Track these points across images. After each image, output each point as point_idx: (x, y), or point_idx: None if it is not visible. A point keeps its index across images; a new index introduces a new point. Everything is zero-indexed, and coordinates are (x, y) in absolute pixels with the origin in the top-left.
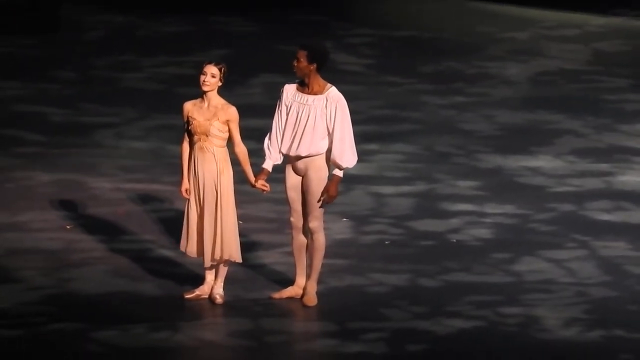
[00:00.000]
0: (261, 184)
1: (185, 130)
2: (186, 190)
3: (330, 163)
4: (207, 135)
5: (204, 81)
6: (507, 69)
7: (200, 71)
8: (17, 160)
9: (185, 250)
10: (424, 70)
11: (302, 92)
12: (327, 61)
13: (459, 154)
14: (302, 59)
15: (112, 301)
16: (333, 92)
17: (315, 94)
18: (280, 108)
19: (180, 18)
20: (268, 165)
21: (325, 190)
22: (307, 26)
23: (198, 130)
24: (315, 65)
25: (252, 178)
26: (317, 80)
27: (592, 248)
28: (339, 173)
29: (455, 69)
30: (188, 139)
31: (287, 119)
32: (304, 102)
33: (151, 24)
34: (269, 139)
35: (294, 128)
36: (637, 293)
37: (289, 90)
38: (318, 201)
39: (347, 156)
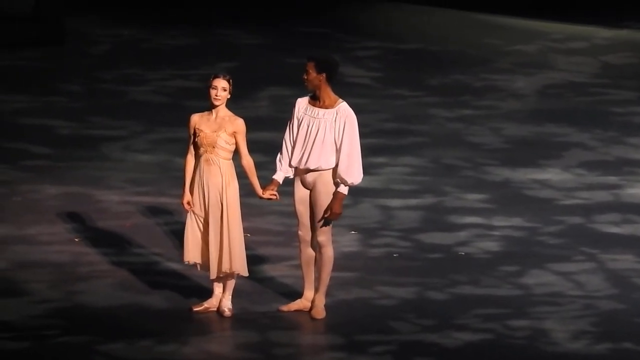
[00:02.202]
0: (270, 193)
1: (191, 142)
2: (188, 203)
3: (336, 179)
4: (213, 147)
5: (216, 95)
6: (515, 82)
7: (209, 85)
8: (24, 173)
9: (189, 261)
10: (431, 83)
11: (314, 105)
12: (337, 71)
13: (466, 166)
14: (310, 70)
15: (119, 314)
16: (343, 106)
17: (326, 107)
18: (292, 121)
19: (186, 31)
20: (278, 176)
21: (329, 207)
22: (313, 39)
23: (205, 142)
24: (324, 75)
25: (259, 190)
26: (328, 94)
27: (600, 261)
28: (343, 190)
29: (463, 81)
30: (193, 151)
31: (298, 132)
32: (315, 116)
33: (157, 37)
34: (280, 152)
35: (304, 141)
36: None
37: (301, 103)
38: (319, 220)
39: (354, 172)
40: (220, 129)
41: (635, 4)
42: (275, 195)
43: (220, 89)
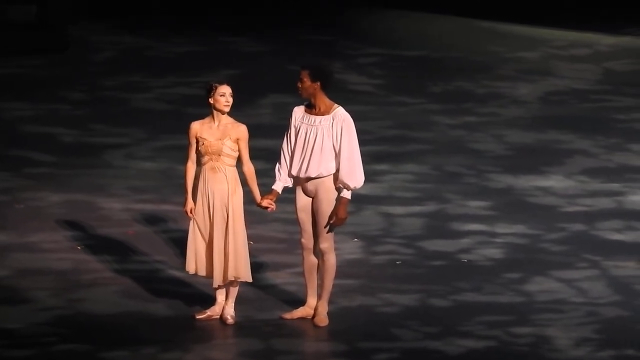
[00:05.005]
0: (267, 202)
1: (195, 150)
2: (190, 210)
3: (338, 183)
4: (219, 155)
5: (226, 102)
6: (517, 89)
7: (214, 92)
8: (27, 180)
9: (196, 271)
10: (434, 90)
11: (310, 113)
12: (331, 79)
13: (469, 174)
14: (305, 79)
15: (122, 322)
16: (339, 111)
17: (322, 114)
18: (289, 131)
19: (189, 38)
20: (278, 186)
21: (334, 213)
22: (316, 46)
23: (209, 150)
24: (319, 84)
25: (258, 197)
26: (324, 100)
27: (603, 268)
28: (346, 195)
29: (465, 88)
30: (195, 159)
31: (296, 141)
32: (312, 123)
33: (160, 45)
34: (279, 162)
35: (302, 149)
36: None
37: (298, 112)
38: (326, 225)
39: (356, 176)
40: (225, 137)
41: (638, 11)
42: (272, 205)
43: (229, 95)
